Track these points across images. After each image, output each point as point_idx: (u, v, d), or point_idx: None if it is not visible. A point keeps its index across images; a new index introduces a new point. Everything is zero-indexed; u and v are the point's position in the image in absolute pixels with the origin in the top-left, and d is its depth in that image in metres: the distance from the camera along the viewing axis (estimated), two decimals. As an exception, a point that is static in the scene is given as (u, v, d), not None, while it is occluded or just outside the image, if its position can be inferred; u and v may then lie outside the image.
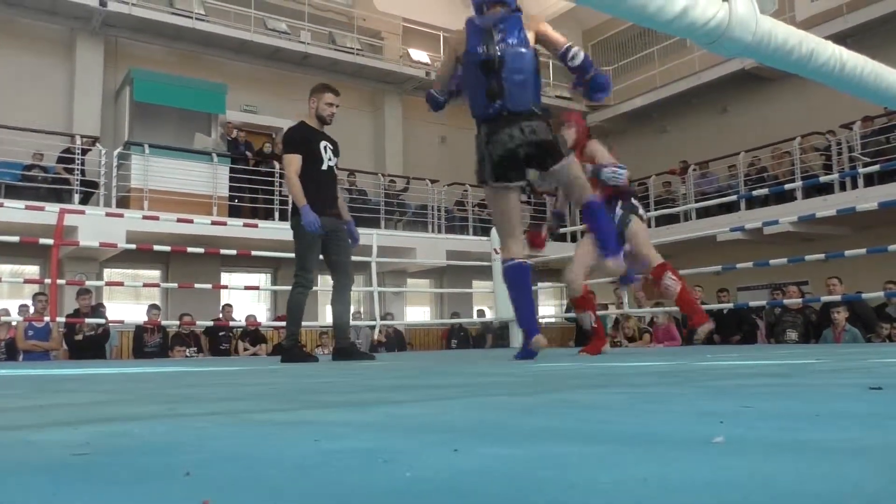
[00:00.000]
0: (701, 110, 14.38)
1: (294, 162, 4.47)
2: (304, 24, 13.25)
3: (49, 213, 6.73)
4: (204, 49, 12.49)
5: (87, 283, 8.03)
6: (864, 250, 5.83)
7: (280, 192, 11.33)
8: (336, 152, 4.69)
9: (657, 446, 0.72)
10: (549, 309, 16.28)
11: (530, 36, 3.57)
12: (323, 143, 4.59)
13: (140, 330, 8.87)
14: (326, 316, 13.55)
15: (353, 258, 7.69)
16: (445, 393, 1.61)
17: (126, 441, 0.85)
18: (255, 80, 13.11)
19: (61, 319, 7.11)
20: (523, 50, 3.52)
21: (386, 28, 14.70)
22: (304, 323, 4.70)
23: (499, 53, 3.51)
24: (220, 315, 9.68)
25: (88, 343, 8.11)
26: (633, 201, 4.98)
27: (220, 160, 11.03)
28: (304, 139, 4.57)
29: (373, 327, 8.78)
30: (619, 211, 4.86)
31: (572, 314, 11.03)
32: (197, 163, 10.81)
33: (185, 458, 0.71)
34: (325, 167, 4.57)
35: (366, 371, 2.99)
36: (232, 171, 11.05)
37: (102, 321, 7.86)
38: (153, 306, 9.08)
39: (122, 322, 8.08)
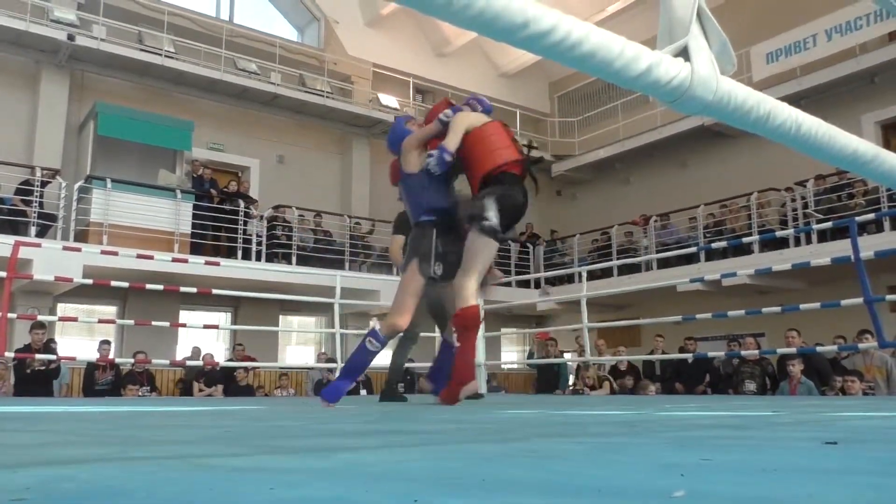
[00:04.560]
0: (662, 163, 14.76)
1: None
2: (275, 66, 13.33)
3: (3, 244, 6.54)
4: (172, 86, 12.46)
5: (40, 317, 7.78)
6: (818, 304, 5.97)
7: (243, 230, 11.22)
8: None
9: (617, 499, 0.71)
10: (511, 355, 16.24)
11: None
12: None
13: (92, 367, 8.59)
14: (287, 357, 13.37)
15: (316, 298, 7.77)
16: (405, 440, 1.59)
17: (70, 486, 0.81)
18: (223, 118, 13.09)
19: (10, 354, 6.86)
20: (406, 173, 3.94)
21: (356, 72, 14.86)
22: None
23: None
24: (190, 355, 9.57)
25: (36, 377, 7.82)
26: (488, 201, 3.48)
27: (184, 197, 10.90)
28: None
29: (332, 370, 8.64)
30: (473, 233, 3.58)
31: (534, 360, 10.95)
32: (160, 199, 10.67)
33: (132, 505, 0.68)
34: None
35: (323, 415, 2.93)
36: (195, 207, 10.93)
37: (53, 357, 7.61)
38: (104, 342, 8.83)
39: (73, 359, 7.83)
